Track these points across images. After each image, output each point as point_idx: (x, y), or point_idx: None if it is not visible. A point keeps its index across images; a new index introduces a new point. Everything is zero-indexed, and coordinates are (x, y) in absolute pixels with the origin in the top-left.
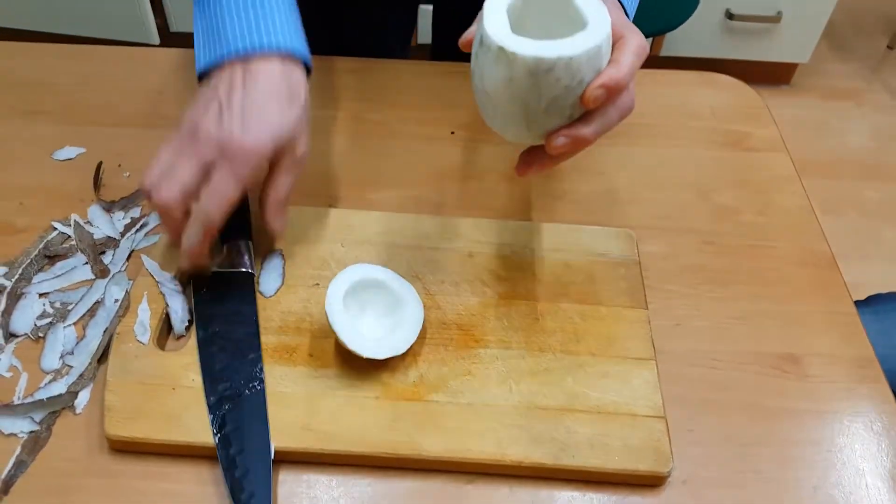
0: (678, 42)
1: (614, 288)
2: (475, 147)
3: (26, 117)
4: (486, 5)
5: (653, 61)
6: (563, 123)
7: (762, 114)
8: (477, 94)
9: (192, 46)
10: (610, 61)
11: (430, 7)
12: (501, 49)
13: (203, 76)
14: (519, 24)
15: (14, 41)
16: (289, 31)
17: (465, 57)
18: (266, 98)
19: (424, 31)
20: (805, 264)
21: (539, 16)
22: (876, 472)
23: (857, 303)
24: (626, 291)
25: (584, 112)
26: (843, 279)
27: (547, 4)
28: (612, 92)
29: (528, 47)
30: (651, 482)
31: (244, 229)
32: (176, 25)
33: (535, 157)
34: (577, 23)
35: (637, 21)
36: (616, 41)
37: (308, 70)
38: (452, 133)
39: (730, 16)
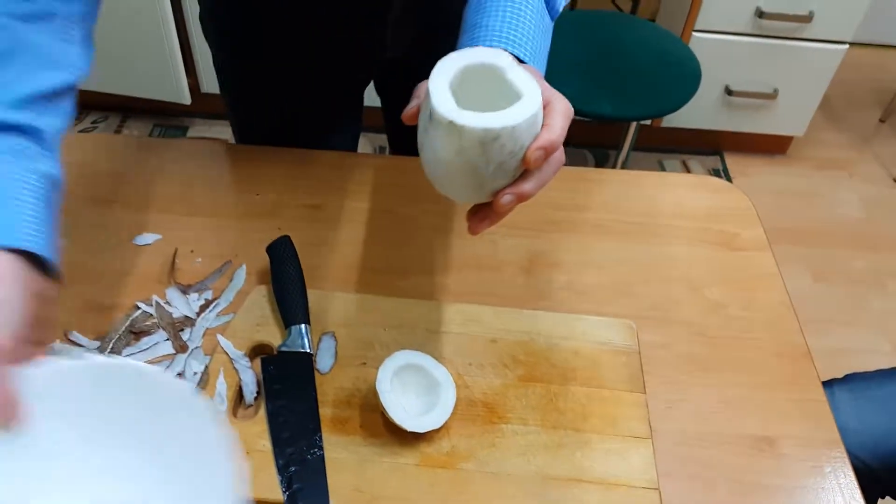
0: (680, 114)
1: (616, 374)
2: (493, 241)
3: (107, 206)
4: (430, 85)
5: (654, 132)
6: (507, 183)
7: (750, 215)
8: (427, 165)
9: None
10: (543, 125)
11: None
12: (451, 123)
13: None
14: (455, 97)
15: (90, 133)
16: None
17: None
18: None
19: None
20: (782, 355)
21: (473, 88)
22: None
23: (835, 381)
24: (627, 377)
25: (525, 171)
26: (816, 369)
27: (481, 78)
28: (549, 152)
29: (476, 120)
30: None
31: (304, 314)
32: (206, 86)
33: (484, 214)
34: (506, 91)
35: (641, 103)
36: (544, 106)
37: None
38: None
39: (729, 92)
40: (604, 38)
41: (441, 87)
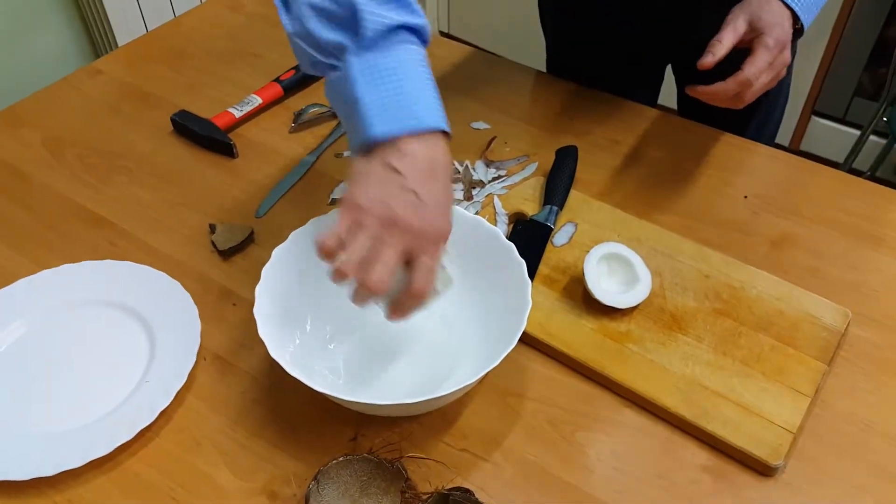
0: None
1: (810, 342)
2: (759, 213)
3: (461, 96)
4: None
5: None
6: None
7: None
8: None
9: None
10: (746, 61)
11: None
12: None
13: (369, 144)
14: None
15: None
16: (441, 111)
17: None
18: (446, 186)
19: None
20: None
21: None
22: None
23: None
24: (819, 347)
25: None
26: None
27: None
28: (741, 85)
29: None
30: (760, 468)
31: (560, 201)
32: None
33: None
34: None
35: None
36: (756, 37)
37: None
38: (745, 197)
39: None
40: None
41: None
